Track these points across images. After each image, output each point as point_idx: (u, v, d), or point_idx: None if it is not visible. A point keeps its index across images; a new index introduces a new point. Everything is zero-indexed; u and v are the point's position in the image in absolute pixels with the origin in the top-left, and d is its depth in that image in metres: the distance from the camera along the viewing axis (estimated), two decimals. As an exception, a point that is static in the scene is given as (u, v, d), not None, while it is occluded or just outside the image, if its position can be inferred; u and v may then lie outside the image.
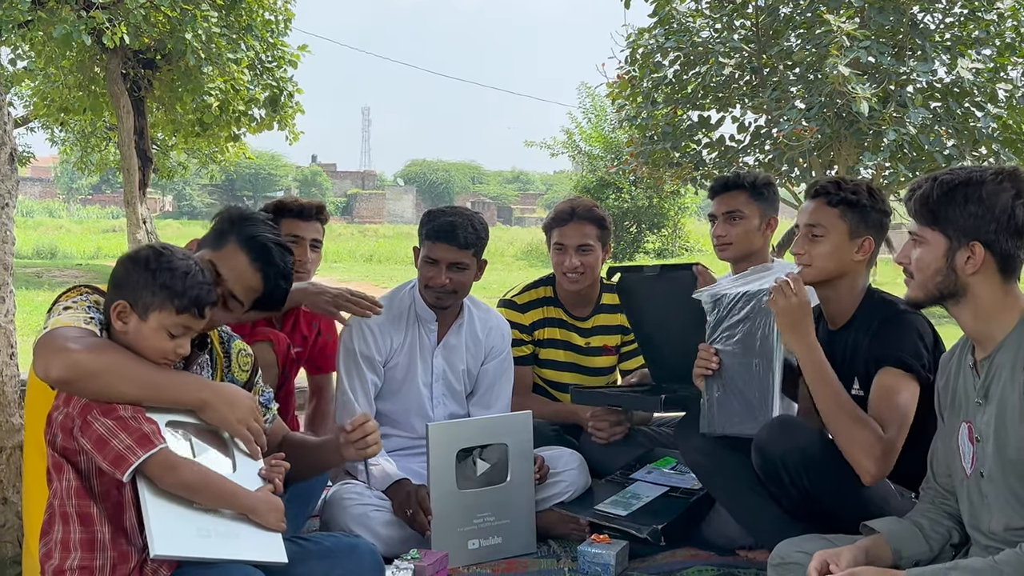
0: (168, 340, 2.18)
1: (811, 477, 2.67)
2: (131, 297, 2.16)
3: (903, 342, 2.69)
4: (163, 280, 2.16)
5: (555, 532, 3.42)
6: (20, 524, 2.88)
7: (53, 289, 15.00)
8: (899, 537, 2.36)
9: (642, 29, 13.68)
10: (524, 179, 75.32)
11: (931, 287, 2.25)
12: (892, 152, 11.40)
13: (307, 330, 3.75)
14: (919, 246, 2.26)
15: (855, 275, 2.86)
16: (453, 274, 3.38)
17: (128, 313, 2.16)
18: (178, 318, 2.17)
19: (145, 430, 2.06)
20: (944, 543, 2.36)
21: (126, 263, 2.21)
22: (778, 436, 2.71)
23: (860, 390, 2.78)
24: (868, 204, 2.84)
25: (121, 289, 2.18)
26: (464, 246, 3.35)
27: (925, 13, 12.26)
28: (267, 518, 2.18)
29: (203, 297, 2.21)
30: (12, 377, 2.94)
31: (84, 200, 51.89)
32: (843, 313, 2.89)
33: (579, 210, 3.83)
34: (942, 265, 2.22)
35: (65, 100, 15.42)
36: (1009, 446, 2.13)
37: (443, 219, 3.39)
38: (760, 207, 3.60)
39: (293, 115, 15.67)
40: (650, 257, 24.88)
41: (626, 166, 15.23)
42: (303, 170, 62.91)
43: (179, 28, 12.77)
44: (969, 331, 2.27)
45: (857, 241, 2.82)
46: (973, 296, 2.21)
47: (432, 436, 3.12)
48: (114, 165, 19.20)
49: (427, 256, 3.39)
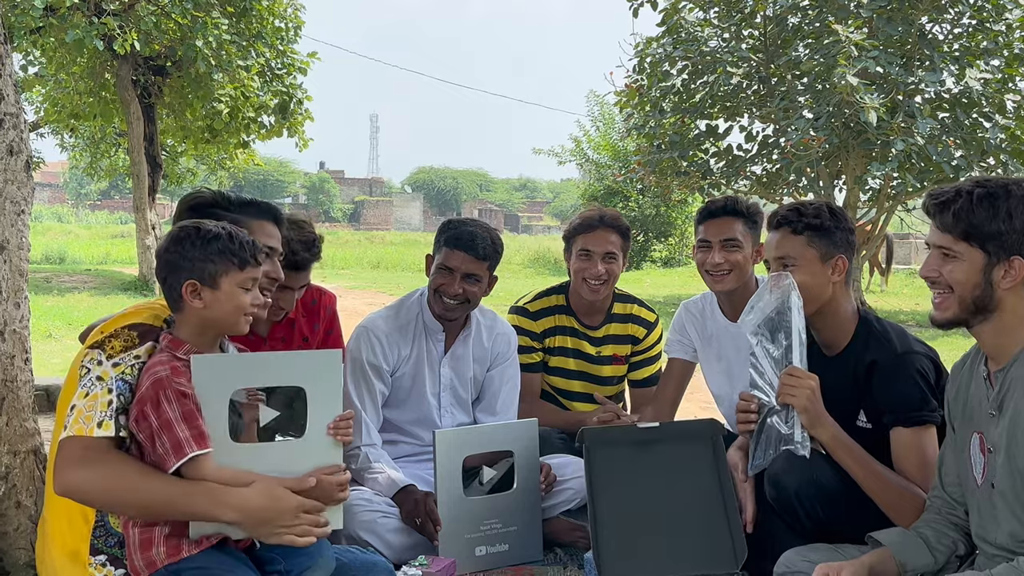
0: (244, 296, 2.28)
1: (826, 510, 2.66)
2: (196, 274, 2.24)
3: (910, 395, 2.64)
4: (216, 247, 2.25)
5: (561, 540, 3.43)
6: (33, 528, 2.90)
7: (63, 294, 15.07)
8: (904, 549, 2.35)
9: (650, 38, 13.72)
10: (531, 187, 75.41)
11: (967, 302, 2.20)
12: (900, 162, 11.40)
13: (308, 331, 3.67)
14: (951, 260, 2.22)
15: (838, 298, 2.82)
16: (466, 284, 3.39)
17: (199, 289, 2.24)
18: (243, 273, 2.27)
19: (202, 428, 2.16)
20: (949, 554, 2.36)
21: (172, 248, 2.27)
22: (792, 468, 2.69)
23: (867, 423, 2.75)
24: (832, 225, 2.80)
25: (181, 271, 2.25)
26: (481, 257, 3.37)
27: (933, 23, 12.27)
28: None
29: (253, 244, 2.31)
30: (26, 383, 2.96)
31: (93, 205, 52.06)
32: (836, 340, 2.85)
33: (607, 218, 3.84)
34: (979, 280, 2.18)
35: (75, 106, 15.50)
36: (1019, 458, 2.13)
37: (463, 228, 3.40)
38: (753, 235, 3.55)
39: (302, 122, 15.74)
40: (657, 266, 24.88)
41: (634, 175, 15.26)
42: (311, 177, 63.07)
43: (190, 35, 12.86)
44: (988, 345, 2.25)
45: (830, 263, 2.78)
46: (1003, 311, 2.19)
47: (439, 443, 3.14)
48: (123, 171, 19.28)
49: (442, 263, 3.40)
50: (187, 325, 2.28)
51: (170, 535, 2.18)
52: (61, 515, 2.36)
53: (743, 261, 3.49)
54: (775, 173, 13.46)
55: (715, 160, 13.75)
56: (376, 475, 3.28)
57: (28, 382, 2.97)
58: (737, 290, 3.53)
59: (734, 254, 3.48)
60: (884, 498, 2.58)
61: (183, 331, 2.27)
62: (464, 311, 3.50)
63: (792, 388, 2.63)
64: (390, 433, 3.52)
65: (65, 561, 2.36)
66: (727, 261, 3.48)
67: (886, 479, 2.59)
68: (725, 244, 3.49)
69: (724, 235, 3.50)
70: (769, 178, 13.73)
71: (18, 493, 2.91)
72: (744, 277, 3.53)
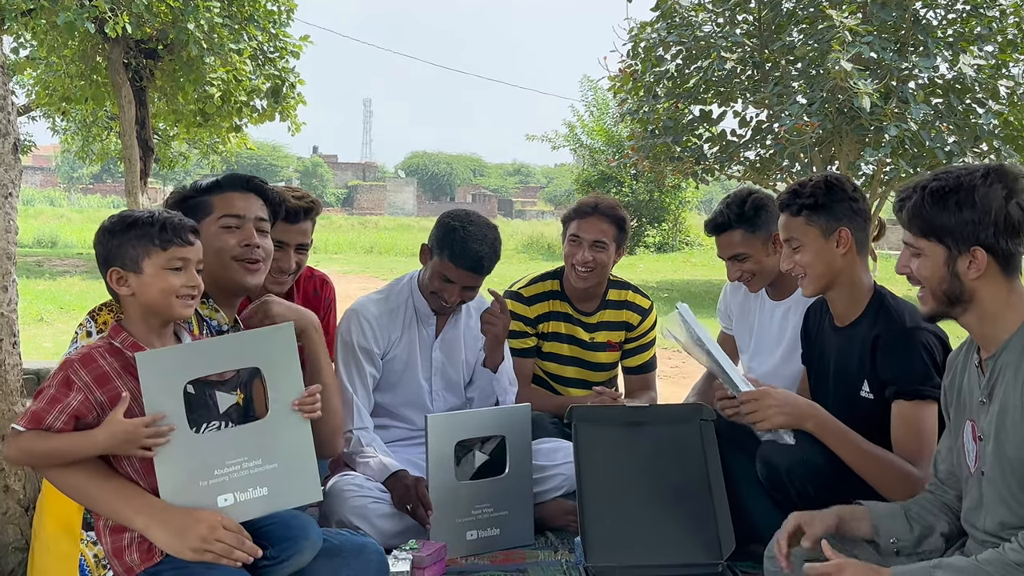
0: (173, 277, 2.21)
1: (817, 488, 2.67)
2: (118, 261, 2.22)
3: (913, 368, 2.67)
4: (134, 232, 2.21)
5: (553, 524, 3.44)
6: (21, 512, 2.89)
7: (54, 278, 15.04)
8: (881, 513, 2.40)
9: (644, 23, 13.69)
10: (525, 172, 75.33)
11: (939, 295, 2.22)
12: (893, 148, 11.41)
13: None
14: (916, 257, 2.25)
15: (851, 269, 2.83)
16: (465, 295, 3.42)
17: (124, 276, 2.21)
18: (166, 253, 2.21)
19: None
20: (928, 528, 2.38)
21: (98, 240, 2.26)
22: (783, 448, 2.72)
23: (870, 393, 2.78)
24: (829, 200, 2.81)
25: (107, 263, 2.24)
26: (485, 275, 3.39)
27: (927, 9, 12.26)
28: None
29: (176, 224, 2.24)
30: (15, 366, 2.94)
31: (85, 189, 51.82)
32: (849, 312, 2.88)
33: (601, 206, 3.84)
34: (945, 274, 2.20)
35: (67, 89, 15.39)
36: (1008, 445, 2.14)
37: (472, 247, 3.30)
38: (759, 236, 3.45)
39: (295, 106, 15.64)
40: (650, 251, 24.89)
41: (627, 160, 15.26)
42: (304, 161, 62.92)
43: (181, 18, 12.77)
44: (975, 334, 2.27)
45: (833, 237, 2.80)
46: (979, 300, 2.20)
47: (431, 427, 3.14)
48: (115, 155, 19.20)
49: (444, 274, 3.36)
50: (128, 316, 2.26)
51: (141, 539, 2.14)
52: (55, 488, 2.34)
53: (756, 265, 3.45)
54: (768, 158, 13.47)
55: (709, 145, 13.75)
56: (368, 459, 3.28)
57: (16, 366, 2.95)
58: (771, 286, 3.53)
59: (746, 263, 3.45)
60: (871, 473, 2.63)
61: (127, 320, 2.25)
62: (456, 311, 3.55)
63: (757, 414, 2.71)
64: (381, 418, 3.51)
65: (59, 534, 2.35)
66: (742, 272, 3.47)
67: (873, 455, 2.65)
68: (733, 259, 3.48)
69: (728, 252, 3.48)
70: (763, 163, 13.74)
71: (6, 477, 2.89)
72: (770, 274, 3.48)
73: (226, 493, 2.20)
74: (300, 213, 3.28)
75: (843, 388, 2.85)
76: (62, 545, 2.33)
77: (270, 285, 3.19)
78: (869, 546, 2.42)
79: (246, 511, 2.21)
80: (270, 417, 2.26)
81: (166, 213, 2.27)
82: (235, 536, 2.13)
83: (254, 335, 2.32)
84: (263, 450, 2.24)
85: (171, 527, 2.10)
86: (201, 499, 2.17)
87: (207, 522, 2.11)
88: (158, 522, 2.10)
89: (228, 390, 2.26)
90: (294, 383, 2.28)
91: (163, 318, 2.25)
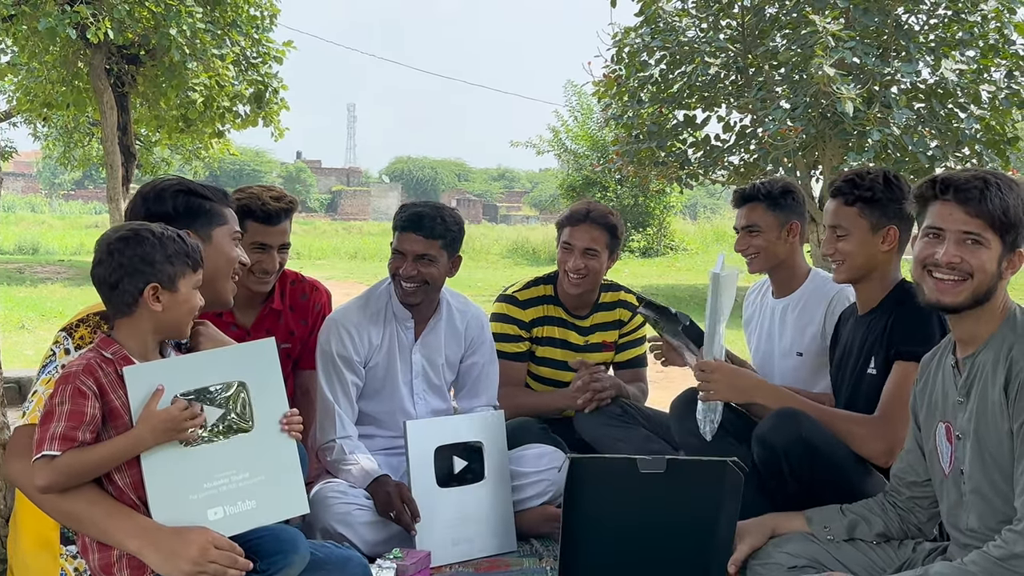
0: (197, 297, 2.27)
1: (815, 468, 2.72)
2: (158, 277, 2.19)
3: (916, 331, 2.71)
4: (173, 249, 2.21)
5: (537, 532, 3.42)
6: (3, 524, 2.85)
7: (35, 285, 14.93)
8: (814, 509, 2.57)
9: (628, 28, 13.72)
10: (510, 176, 75.24)
11: (982, 291, 2.18)
12: (876, 152, 11.46)
13: (295, 325, 3.64)
14: (978, 247, 2.16)
15: (886, 265, 2.91)
16: (421, 266, 3.33)
17: (161, 292, 2.20)
18: (195, 275, 2.27)
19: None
20: (861, 518, 2.50)
21: (127, 251, 2.19)
22: (781, 427, 2.76)
23: (874, 369, 2.84)
24: (885, 196, 2.87)
25: (141, 275, 2.18)
26: (431, 236, 3.32)
27: (910, 14, 12.33)
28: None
29: (198, 248, 2.30)
30: (-7, 375, 2.91)
31: (67, 195, 51.48)
32: (872, 301, 2.95)
33: (593, 213, 3.84)
34: (995, 269, 2.18)
35: (48, 95, 15.29)
36: (988, 441, 2.16)
37: (411, 210, 3.39)
38: (779, 217, 3.48)
39: (278, 111, 15.58)
40: (635, 256, 24.93)
41: (612, 164, 15.28)
42: (288, 166, 62.69)
43: (163, 23, 12.70)
44: (963, 333, 2.27)
45: (880, 233, 2.87)
46: (995, 298, 2.20)
47: (411, 434, 3.15)
48: (97, 161, 19.07)
49: (395, 247, 3.39)
50: (134, 329, 2.22)
51: (131, 556, 2.12)
52: (31, 504, 2.31)
53: (765, 244, 3.49)
54: (752, 163, 13.51)
55: (693, 150, 13.79)
56: (350, 467, 3.26)
57: (-4, 374, 2.92)
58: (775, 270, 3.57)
59: (756, 237, 3.50)
60: (844, 430, 2.77)
61: (124, 334, 2.22)
62: (425, 294, 3.41)
63: (707, 384, 2.89)
64: (366, 427, 3.49)
65: (37, 551, 2.31)
66: (749, 246, 3.52)
67: (830, 413, 2.82)
68: (746, 230, 3.53)
69: (744, 221, 3.53)
70: (747, 168, 13.78)
71: (-15, 489, 2.85)
72: (774, 257, 3.52)
73: (216, 506, 2.19)
74: (280, 215, 3.33)
75: (850, 371, 2.95)
76: (41, 560, 2.29)
77: (254, 285, 3.31)
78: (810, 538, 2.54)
79: (236, 524, 2.21)
80: (256, 430, 2.27)
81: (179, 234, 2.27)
82: (227, 555, 2.12)
83: (238, 350, 2.38)
84: (250, 463, 2.25)
85: (163, 550, 2.09)
86: (192, 512, 2.16)
87: (198, 543, 2.10)
88: (150, 545, 2.09)
89: (214, 404, 2.25)
90: (278, 397, 2.31)
91: (175, 336, 2.30)
